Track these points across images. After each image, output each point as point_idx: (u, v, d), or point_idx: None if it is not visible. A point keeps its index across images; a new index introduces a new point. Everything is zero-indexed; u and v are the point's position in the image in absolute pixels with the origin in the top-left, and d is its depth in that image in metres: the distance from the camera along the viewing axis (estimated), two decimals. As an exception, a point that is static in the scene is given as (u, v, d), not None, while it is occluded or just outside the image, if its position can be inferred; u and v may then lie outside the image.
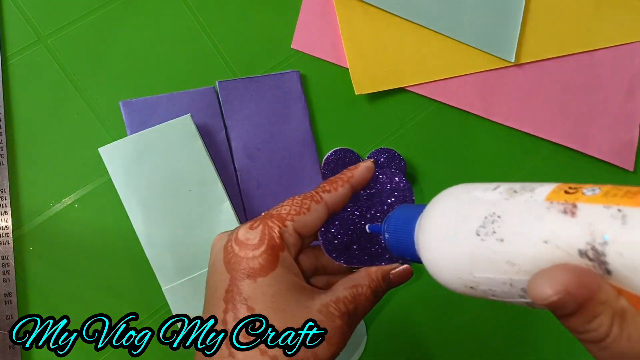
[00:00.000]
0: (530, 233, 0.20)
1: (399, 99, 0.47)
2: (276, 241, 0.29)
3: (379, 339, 0.45)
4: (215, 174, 0.40)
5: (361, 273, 0.31)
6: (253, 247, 0.28)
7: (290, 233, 0.30)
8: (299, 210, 0.30)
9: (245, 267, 0.28)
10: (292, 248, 0.30)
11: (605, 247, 0.19)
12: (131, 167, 0.38)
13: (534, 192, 0.22)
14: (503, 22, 0.49)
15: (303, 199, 0.31)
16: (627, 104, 0.53)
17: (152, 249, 0.38)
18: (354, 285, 0.30)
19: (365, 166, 0.34)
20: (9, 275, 0.37)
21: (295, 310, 0.28)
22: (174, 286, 0.38)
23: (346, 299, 0.29)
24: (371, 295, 0.30)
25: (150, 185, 0.38)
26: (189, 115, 0.39)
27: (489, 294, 0.23)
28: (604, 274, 0.19)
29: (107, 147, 0.37)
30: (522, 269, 0.20)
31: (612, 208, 0.19)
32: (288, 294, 0.28)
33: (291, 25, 0.45)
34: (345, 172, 0.33)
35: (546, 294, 0.18)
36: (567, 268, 0.19)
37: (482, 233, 0.22)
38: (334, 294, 0.29)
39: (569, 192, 0.21)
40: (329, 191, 0.32)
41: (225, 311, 0.28)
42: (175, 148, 0.39)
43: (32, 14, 0.40)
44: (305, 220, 0.30)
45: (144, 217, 0.38)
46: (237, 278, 0.28)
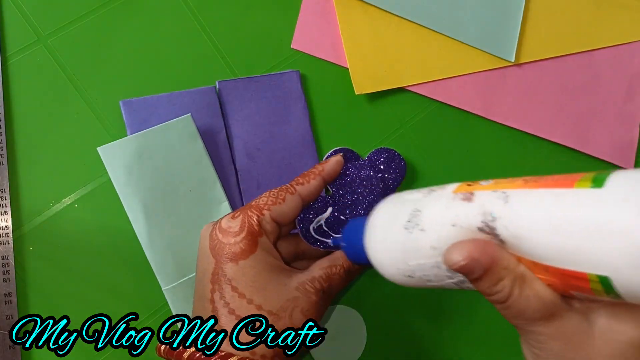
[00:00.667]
0: (443, 220, 0.25)
1: (399, 99, 0.47)
2: (255, 228, 0.32)
3: (379, 338, 0.45)
4: (215, 175, 0.39)
5: (335, 254, 0.35)
6: (234, 234, 0.31)
7: (268, 221, 0.33)
8: (275, 200, 0.34)
9: (228, 251, 0.31)
10: (271, 234, 0.33)
11: (494, 223, 0.23)
12: (131, 167, 0.38)
13: (445, 188, 0.27)
14: (503, 21, 0.49)
15: (279, 191, 0.35)
16: (627, 104, 0.53)
17: (152, 249, 0.38)
18: (328, 265, 0.33)
19: (335, 160, 0.38)
20: (9, 275, 0.37)
21: (274, 288, 0.31)
22: (174, 286, 0.38)
23: (321, 277, 0.33)
24: (344, 274, 0.34)
25: (150, 185, 0.38)
26: (189, 115, 0.39)
27: (424, 280, 0.27)
28: (501, 244, 0.23)
29: (107, 147, 0.37)
30: (442, 250, 0.24)
31: (498, 192, 0.23)
32: (267, 273, 0.31)
33: (291, 24, 0.45)
34: (317, 166, 0.38)
35: (456, 260, 0.23)
36: (472, 240, 0.23)
37: (409, 227, 0.26)
38: (310, 273, 0.33)
39: (470, 185, 0.25)
40: (302, 184, 0.36)
41: (213, 291, 0.31)
42: (175, 148, 0.39)
43: (32, 13, 0.40)
44: (281, 210, 0.34)
45: (143, 217, 0.38)
46: (221, 262, 0.31)
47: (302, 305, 0.31)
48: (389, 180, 0.42)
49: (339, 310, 0.43)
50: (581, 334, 0.23)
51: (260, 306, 0.30)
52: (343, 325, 0.43)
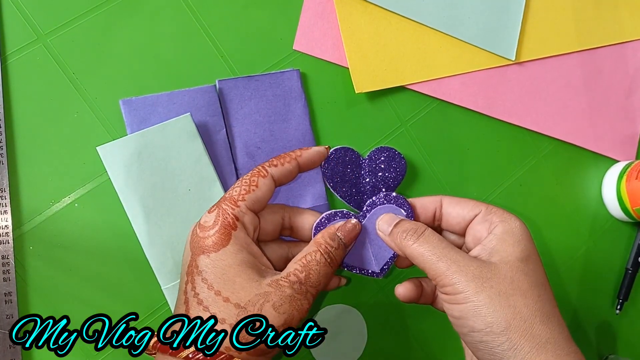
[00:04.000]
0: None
1: (399, 98, 0.47)
2: (229, 221, 0.32)
3: (380, 338, 0.45)
4: (215, 174, 0.39)
5: (310, 243, 0.34)
6: (209, 228, 0.32)
7: (244, 212, 0.33)
8: (249, 188, 0.34)
9: (202, 245, 0.32)
10: (249, 225, 0.33)
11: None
12: (130, 166, 0.38)
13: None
14: (503, 20, 0.49)
15: (251, 176, 0.35)
16: (628, 100, 0.53)
17: (151, 248, 0.38)
18: (303, 256, 0.33)
19: (316, 150, 0.39)
20: (9, 274, 0.37)
21: (244, 282, 0.30)
22: (174, 285, 0.38)
23: (296, 270, 0.32)
24: (322, 258, 0.33)
25: (149, 184, 0.38)
26: (188, 114, 0.39)
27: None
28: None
29: (106, 146, 0.37)
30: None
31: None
32: (238, 268, 0.31)
33: (291, 23, 0.45)
34: (295, 151, 0.38)
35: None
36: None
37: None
38: (286, 270, 0.32)
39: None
40: (275, 165, 0.36)
41: (186, 282, 0.32)
42: (174, 147, 0.38)
43: (32, 12, 0.40)
44: (256, 197, 0.34)
45: (143, 216, 0.38)
46: (195, 254, 0.32)
47: (274, 299, 0.30)
48: (390, 179, 0.42)
49: (340, 309, 0.43)
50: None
51: (228, 298, 0.30)
52: (344, 324, 0.43)
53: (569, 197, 0.51)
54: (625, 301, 0.51)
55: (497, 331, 0.29)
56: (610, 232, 0.53)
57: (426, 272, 0.32)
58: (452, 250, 0.32)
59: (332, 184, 0.41)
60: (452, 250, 0.32)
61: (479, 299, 0.29)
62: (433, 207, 0.37)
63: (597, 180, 0.52)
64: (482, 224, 0.34)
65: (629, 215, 0.50)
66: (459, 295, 0.30)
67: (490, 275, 0.30)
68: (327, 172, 0.42)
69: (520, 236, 0.32)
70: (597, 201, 0.52)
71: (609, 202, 0.51)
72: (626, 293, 0.51)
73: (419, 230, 0.33)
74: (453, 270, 0.30)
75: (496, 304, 0.29)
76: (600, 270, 0.52)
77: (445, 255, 0.31)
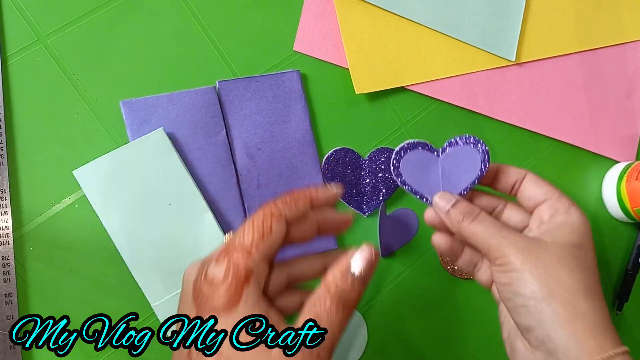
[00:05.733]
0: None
1: (399, 98, 0.47)
2: (241, 274, 0.29)
3: (381, 339, 0.45)
4: (194, 186, 0.39)
5: (319, 287, 0.30)
6: (218, 284, 0.29)
7: (257, 263, 0.29)
8: (262, 234, 0.30)
9: (211, 305, 0.29)
10: (262, 275, 0.30)
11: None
12: (108, 186, 0.37)
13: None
14: (504, 21, 0.49)
15: (264, 218, 0.30)
16: (628, 100, 0.53)
17: (136, 267, 0.38)
18: (313, 305, 0.29)
19: (332, 193, 0.33)
20: (10, 275, 0.37)
21: (254, 353, 0.28)
22: (164, 302, 0.38)
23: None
24: (333, 306, 0.29)
25: (128, 203, 0.38)
26: (161, 129, 0.39)
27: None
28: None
29: (82, 169, 0.37)
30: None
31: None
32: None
33: (291, 24, 0.45)
34: (311, 190, 0.33)
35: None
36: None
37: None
38: (296, 325, 0.29)
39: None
40: (289, 206, 0.31)
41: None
42: (150, 163, 0.38)
43: (32, 13, 0.40)
44: (270, 243, 0.30)
45: (125, 236, 0.37)
46: (201, 312, 0.29)
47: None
48: (390, 180, 0.42)
49: (340, 310, 0.43)
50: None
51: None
52: (344, 325, 0.43)
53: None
54: (626, 302, 0.51)
55: (539, 297, 0.31)
56: (611, 232, 0.53)
57: (480, 249, 0.35)
58: (504, 229, 0.34)
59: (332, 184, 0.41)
60: (503, 229, 0.34)
61: (525, 268, 0.32)
62: (515, 179, 0.38)
63: (597, 180, 0.52)
64: (549, 210, 0.36)
65: (629, 215, 0.50)
66: (508, 265, 0.33)
67: (540, 250, 0.33)
68: (327, 173, 0.42)
69: (578, 228, 0.35)
70: (597, 202, 0.52)
71: (609, 202, 0.51)
72: (626, 294, 0.51)
73: (474, 212, 0.35)
74: (504, 244, 0.33)
75: (542, 274, 0.32)
76: (601, 271, 0.52)
77: (497, 233, 0.34)
